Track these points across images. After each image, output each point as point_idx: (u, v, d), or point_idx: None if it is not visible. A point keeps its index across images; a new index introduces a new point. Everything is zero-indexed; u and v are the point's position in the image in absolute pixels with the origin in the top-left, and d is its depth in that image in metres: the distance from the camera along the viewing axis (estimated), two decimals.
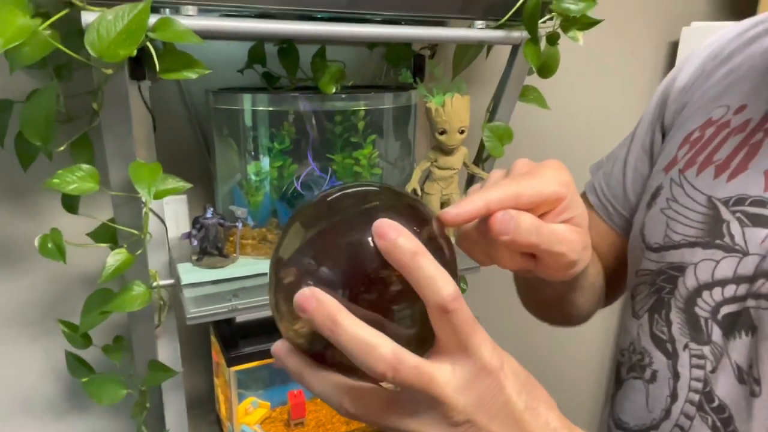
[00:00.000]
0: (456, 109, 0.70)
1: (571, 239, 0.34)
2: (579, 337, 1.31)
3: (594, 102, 1.10)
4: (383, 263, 0.28)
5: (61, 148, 0.56)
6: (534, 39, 0.67)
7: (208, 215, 0.66)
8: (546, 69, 0.72)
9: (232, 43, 0.73)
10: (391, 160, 0.77)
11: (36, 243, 0.55)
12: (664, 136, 0.52)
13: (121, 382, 0.68)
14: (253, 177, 0.70)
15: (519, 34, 0.68)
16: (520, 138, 0.80)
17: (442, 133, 0.71)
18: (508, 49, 0.72)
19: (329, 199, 0.31)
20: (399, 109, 0.75)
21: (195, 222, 0.66)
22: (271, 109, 0.67)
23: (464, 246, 0.36)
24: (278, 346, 0.31)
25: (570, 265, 0.35)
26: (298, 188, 0.71)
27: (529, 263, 0.35)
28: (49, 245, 0.55)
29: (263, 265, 0.68)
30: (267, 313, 0.63)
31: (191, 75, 0.51)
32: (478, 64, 0.83)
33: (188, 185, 0.58)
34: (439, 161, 0.74)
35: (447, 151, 0.74)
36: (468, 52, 0.79)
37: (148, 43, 0.49)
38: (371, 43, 0.79)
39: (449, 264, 0.30)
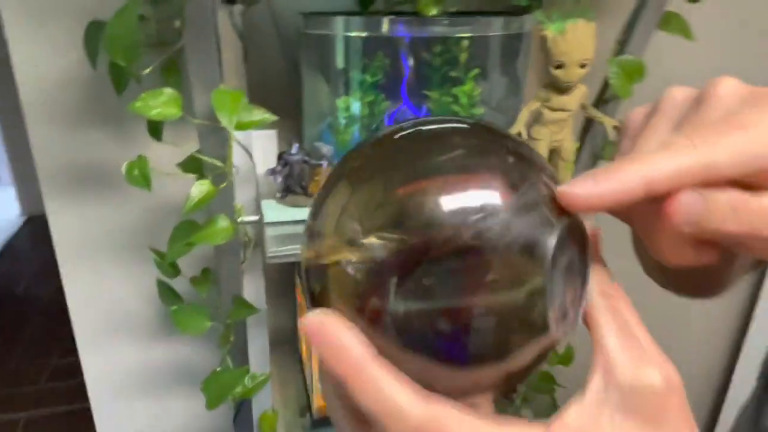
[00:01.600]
0: (579, 38, 0.59)
1: None
2: (700, 314, 1.16)
3: (751, 35, 0.91)
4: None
5: (147, 71, 0.54)
6: None
7: (293, 152, 0.62)
8: None
9: None
10: (495, 99, 0.68)
11: (123, 169, 0.55)
12: None
13: (206, 314, 0.68)
14: (342, 113, 0.65)
15: None
16: (652, 77, 0.67)
17: (559, 66, 0.61)
18: None
19: (394, 142, 0.23)
20: (509, 38, 0.65)
21: (280, 158, 0.63)
22: (364, 34, 0.61)
23: None
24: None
25: None
26: None
27: (711, 255, 0.22)
28: (135, 172, 0.54)
29: None
30: None
31: None
32: None
33: (273, 117, 0.55)
34: (552, 101, 0.64)
35: (562, 89, 0.63)
36: None
37: None
38: None
39: (584, 278, 0.22)
